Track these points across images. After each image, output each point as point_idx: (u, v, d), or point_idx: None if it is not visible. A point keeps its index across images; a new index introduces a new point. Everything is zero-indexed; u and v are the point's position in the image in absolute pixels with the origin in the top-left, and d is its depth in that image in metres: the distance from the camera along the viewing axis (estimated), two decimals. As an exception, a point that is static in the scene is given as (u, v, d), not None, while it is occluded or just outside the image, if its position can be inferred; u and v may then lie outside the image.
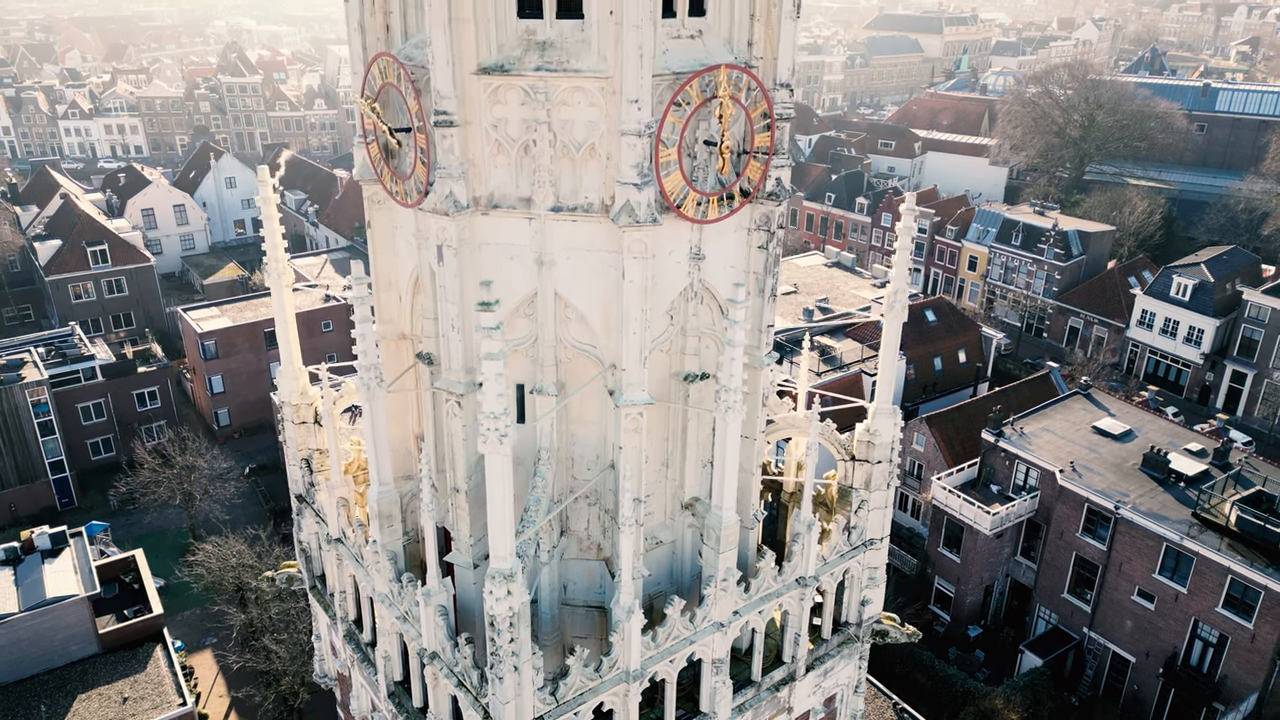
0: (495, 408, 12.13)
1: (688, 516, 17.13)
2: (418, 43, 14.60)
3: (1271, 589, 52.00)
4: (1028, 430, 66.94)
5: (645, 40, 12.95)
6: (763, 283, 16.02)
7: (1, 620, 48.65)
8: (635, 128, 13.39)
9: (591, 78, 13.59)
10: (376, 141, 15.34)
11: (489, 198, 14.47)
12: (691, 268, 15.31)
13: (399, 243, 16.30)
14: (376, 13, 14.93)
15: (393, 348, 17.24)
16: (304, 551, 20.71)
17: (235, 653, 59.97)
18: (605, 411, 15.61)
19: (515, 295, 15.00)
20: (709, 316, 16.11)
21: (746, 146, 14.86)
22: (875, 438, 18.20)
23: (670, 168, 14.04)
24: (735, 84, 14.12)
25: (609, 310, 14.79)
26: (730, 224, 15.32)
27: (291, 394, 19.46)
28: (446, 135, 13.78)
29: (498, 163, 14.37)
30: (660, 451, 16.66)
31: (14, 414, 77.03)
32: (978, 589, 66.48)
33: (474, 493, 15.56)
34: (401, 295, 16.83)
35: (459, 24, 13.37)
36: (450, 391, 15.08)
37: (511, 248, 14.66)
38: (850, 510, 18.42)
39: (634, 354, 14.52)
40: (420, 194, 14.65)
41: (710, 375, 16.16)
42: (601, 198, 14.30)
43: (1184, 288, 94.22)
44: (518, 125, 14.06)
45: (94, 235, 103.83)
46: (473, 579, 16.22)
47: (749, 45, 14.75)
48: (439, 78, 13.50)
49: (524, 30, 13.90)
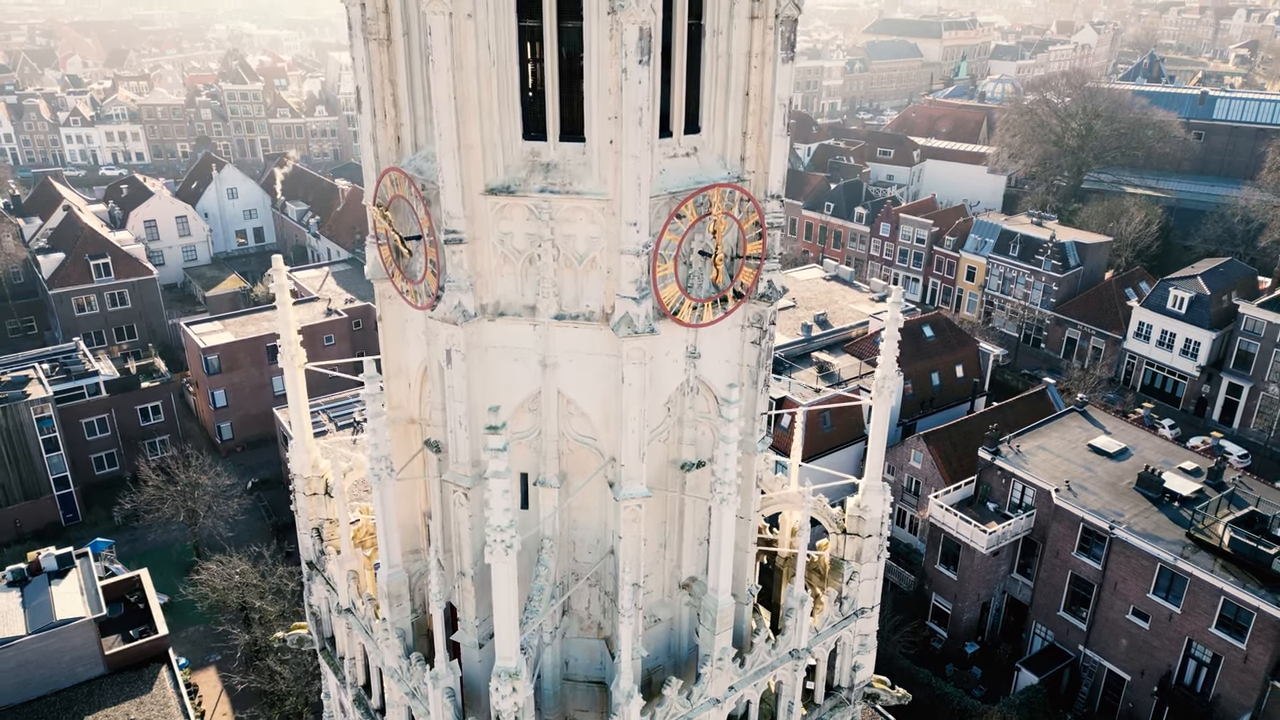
0: (501, 521, 12.86)
1: (685, 595, 17.89)
2: (427, 155, 15.32)
3: (1264, 610, 52.78)
4: (1024, 448, 67.73)
5: (643, 170, 13.71)
6: (756, 375, 16.77)
7: (9, 643, 49.28)
8: (634, 247, 14.15)
9: (593, 199, 14.35)
10: (388, 244, 16.07)
11: (495, 305, 15.22)
12: (688, 365, 16.06)
13: (409, 334, 17.04)
14: (388, 125, 15.67)
15: (402, 431, 17.99)
16: (314, 614, 21.47)
17: (239, 673, 60.71)
18: (605, 500, 16.34)
19: (520, 393, 15.74)
20: (705, 406, 16.85)
21: (740, 252, 15.59)
22: (865, 513, 18.97)
23: (667, 280, 14.79)
24: (728, 200, 14.89)
25: (609, 408, 15.52)
26: (724, 323, 16.06)
27: (303, 467, 20.21)
28: (456, 251, 14.53)
29: (504, 272, 15.12)
30: (658, 533, 17.40)
31: (19, 431, 77.80)
32: (974, 606, 67.28)
33: (479, 578, 16.31)
34: (411, 383, 17.60)
35: (467, 150, 14.13)
36: (457, 484, 15.82)
37: (517, 351, 15.41)
38: (842, 581, 19.18)
39: (633, 450, 15.26)
40: (430, 299, 15.38)
41: (706, 463, 16.90)
42: (602, 306, 15.04)
43: (1180, 300, 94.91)
44: (523, 239, 14.81)
45: (97, 248, 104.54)
46: (479, 657, 16.97)
47: (741, 160, 15.50)
48: (448, 199, 14.25)
49: (529, 152, 14.65)
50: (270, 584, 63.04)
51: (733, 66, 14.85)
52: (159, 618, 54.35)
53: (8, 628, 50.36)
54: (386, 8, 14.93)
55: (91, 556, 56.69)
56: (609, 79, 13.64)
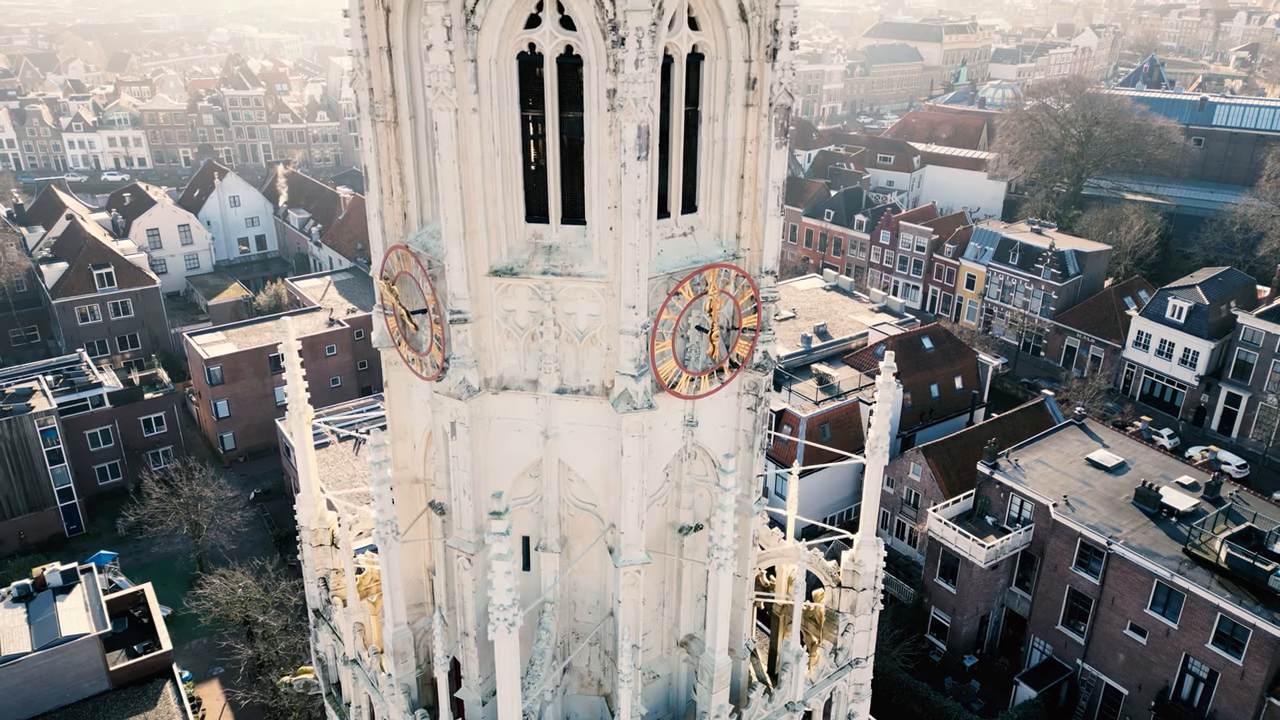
0: (504, 600, 13.31)
1: (683, 652, 18.34)
2: (433, 231, 15.77)
3: (1260, 627, 53.12)
4: (1022, 462, 68.09)
5: (641, 256, 14.18)
6: (752, 440, 17.22)
7: (15, 660, 49.74)
8: (633, 328, 14.60)
9: (593, 280, 14.81)
10: (394, 315, 16.52)
11: (499, 379, 15.68)
12: (685, 433, 16.52)
13: (414, 399, 17.50)
14: (395, 203, 16.12)
15: (406, 490, 18.44)
16: (320, 660, 21.93)
17: (243, 688, 61.15)
18: (605, 563, 16.80)
19: (522, 462, 16.20)
20: (703, 469, 17.29)
21: (735, 324, 16.03)
22: (860, 567, 19.41)
23: (665, 356, 15.24)
24: (724, 279, 15.34)
25: (609, 476, 15.98)
26: (721, 392, 16.51)
27: (310, 520, 20.67)
28: (461, 330, 14.98)
29: (507, 347, 15.58)
30: (657, 593, 17.85)
31: (23, 443, 78.26)
32: (973, 619, 67.66)
33: (482, 638, 16.77)
34: (415, 444, 18.05)
35: (472, 235, 14.59)
36: (461, 550, 16.28)
37: (519, 422, 15.88)
38: (837, 633, 19.62)
39: (632, 519, 15.71)
40: (436, 370, 15.84)
41: (703, 525, 17.34)
42: (602, 380, 15.49)
43: (1179, 310, 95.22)
44: (525, 316, 15.27)
45: (100, 258, 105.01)
46: (482, 715, 17.41)
47: (737, 237, 15.95)
48: (454, 281, 14.72)
49: (532, 234, 15.11)
50: (273, 598, 63.48)
51: (728, 151, 15.31)
52: (163, 633, 54.77)
53: (13, 644, 50.83)
54: (394, 92, 15.37)
55: (96, 570, 57.16)
56: (609, 169, 14.09)
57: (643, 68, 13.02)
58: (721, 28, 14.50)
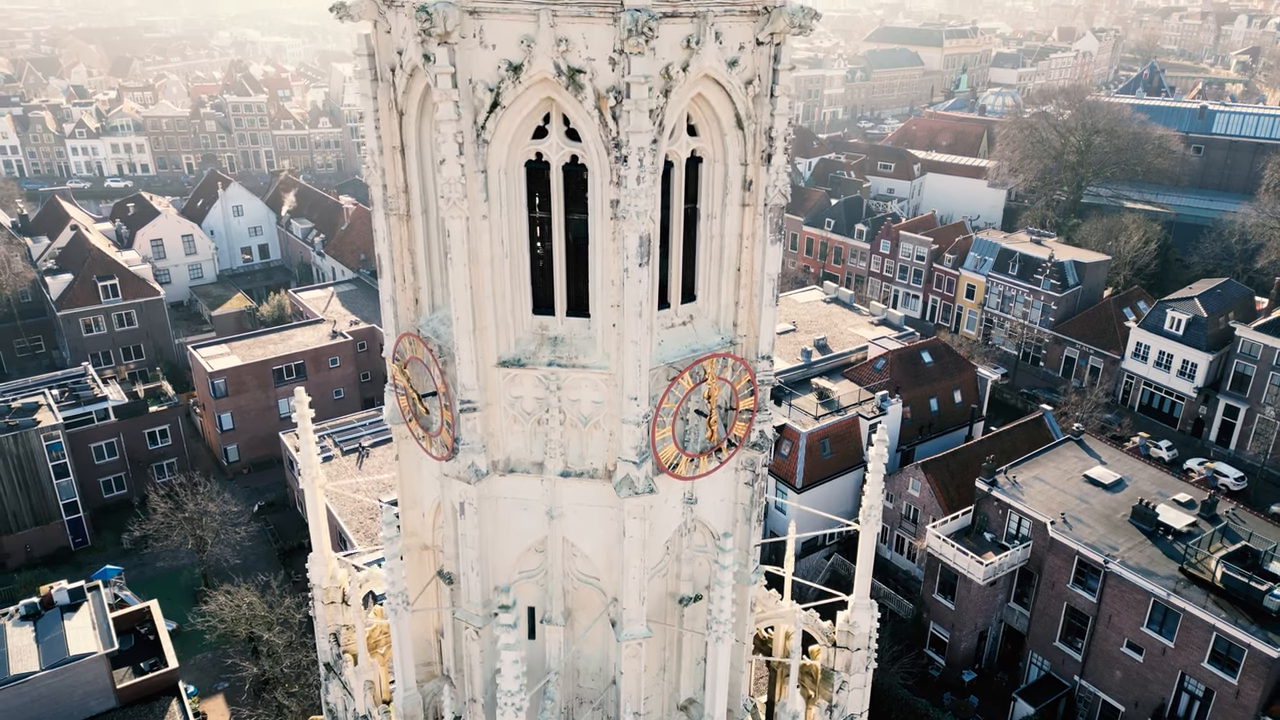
0: (511, 686, 13.96)
1: (683, 716, 18.98)
2: (443, 317, 16.40)
3: (1255, 647, 53.78)
4: (1020, 479, 68.74)
5: (643, 352, 14.85)
6: (749, 512, 17.87)
7: (23, 679, 50.38)
8: (634, 418, 15.26)
9: (597, 371, 15.46)
10: (406, 396, 17.17)
11: (506, 462, 16.34)
12: (685, 510, 17.16)
13: (424, 472, 18.13)
14: (407, 289, 16.77)
15: (416, 557, 19.09)
16: (331, 712, 22.56)
17: (248, 706, 61.80)
18: (608, 634, 17.45)
19: (528, 538, 16.87)
20: (702, 541, 17.93)
21: (733, 405, 16.67)
22: (855, 628, 20.06)
23: (665, 442, 15.89)
24: (721, 366, 15.99)
25: (611, 553, 16.63)
26: (719, 470, 17.15)
27: (321, 578, 21.32)
28: (470, 418, 15.64)
29: (514, 431, 16.22)
30: (658, 659, 18.49)
31: (29, 458, 78.94)
32: (972, 635, 68.31)
33: (490, 706, 17.42)
34: (425, 513, 18.70)
35: (481, 330, 15.25)
36: (469, 623, 16.95)
37: (525, 502, 16.53)
38: (833, 691, 20.26)
39: (634, 595, 16.38)
40: (446, 451, 16.48)
41: (702, 596, 17.98)
42: (605, 463, 16.14)
43: (1178, 321, 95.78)
44: (532, 403, 15.91)
45: (105, 270, 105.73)
46: (489, 777, 18.06)
47: (734, 325, 16.59)
48: (464, 373, 15.38)
49: (538, 326, 15.77)
50: (277, 615, 64.14)
51: (725, 246, 15.96)
52: (169, 650, 55.39)
53: (22, 663, 51.49)
54: (406, 188, 16.01)
55: (102, 587, 57.79)
56: (612, 270, 14.74)
57: (644, 183, 13.66)
58: (719, 135, 15.13)
